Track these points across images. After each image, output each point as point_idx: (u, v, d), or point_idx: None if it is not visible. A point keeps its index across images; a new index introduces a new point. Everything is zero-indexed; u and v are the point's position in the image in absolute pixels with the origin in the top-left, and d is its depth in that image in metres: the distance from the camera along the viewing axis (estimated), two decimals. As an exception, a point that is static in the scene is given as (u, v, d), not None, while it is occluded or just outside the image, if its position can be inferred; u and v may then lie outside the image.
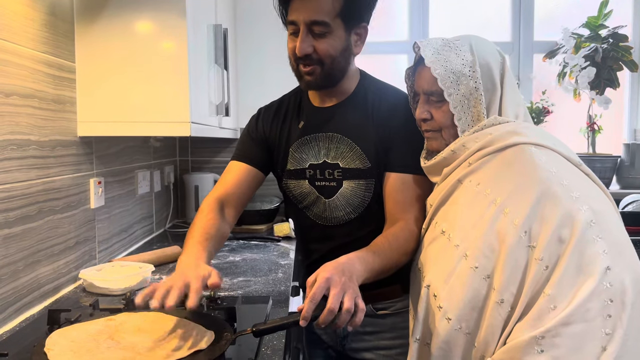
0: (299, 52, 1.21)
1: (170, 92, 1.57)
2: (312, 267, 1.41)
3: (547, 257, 0.87)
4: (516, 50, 3.00)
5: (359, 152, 1.29)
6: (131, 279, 1.47)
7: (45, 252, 1.39)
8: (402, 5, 2.96)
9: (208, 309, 1.20)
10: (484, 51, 1.05)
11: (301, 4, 1.20)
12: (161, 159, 2.47)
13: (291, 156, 1.35)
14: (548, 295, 0.85)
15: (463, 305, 0.92)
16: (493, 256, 0.91)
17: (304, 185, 1.34)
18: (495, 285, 0.90)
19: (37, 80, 1.34)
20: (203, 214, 1.27)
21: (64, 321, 1.15)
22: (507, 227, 0.90)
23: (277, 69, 2.72)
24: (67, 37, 1.51)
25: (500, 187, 0.94)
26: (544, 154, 0.96)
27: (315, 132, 1.33)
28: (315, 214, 1.36)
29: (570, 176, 0.94)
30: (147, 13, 1.56)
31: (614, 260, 0.87)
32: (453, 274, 0.94)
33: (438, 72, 1.03)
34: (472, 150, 1.00)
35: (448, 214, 1.02)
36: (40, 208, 1.36)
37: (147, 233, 2.25)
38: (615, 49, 2.70)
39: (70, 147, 1.53)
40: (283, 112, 1.42)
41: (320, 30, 1.20)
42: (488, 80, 1.04)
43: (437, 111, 1.07)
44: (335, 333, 1.42)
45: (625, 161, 2.88)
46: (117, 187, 1.89)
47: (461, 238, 0.95)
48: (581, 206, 0.89)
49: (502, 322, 0.89)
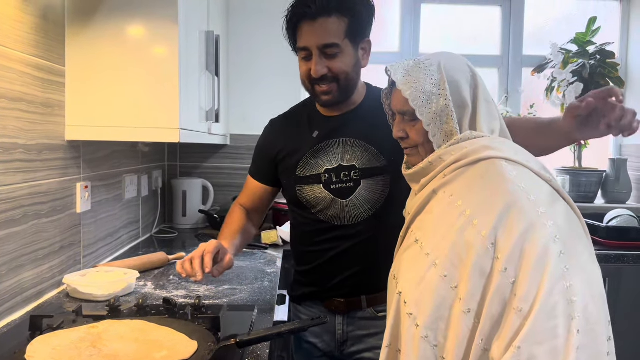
0: (315, 74, 1.32)
1: (160, 98, 1.57)
2: (317, 270, 1.44)
3: (511, 270, 0.89)
4: (505, 64, 3.03)
5: (374, 152, 1.38)
6: (115, 285, 1.46)
7: (29, 256, 1.38)
8: (394, 17, 2.99)
9: (192, 317, 1.20)
10: (452, 69, 1.08)
11: (311, 30, 1.30)
12: (149, 164, 2.46)
13: (306, 163, 1.41)
14: (520, 311, 0.87)
15: (431, 312, 0.93)
16: (460, 266, 0.93)
17: (318, 190, 1.39)
18: (461, 295, 0.91)
19: (25, 84, 1.34)
20: (231, 216, 1.51)
21: (46, 327, 1.14)
22: (475, 237, 0.92)
23: (269, 76, 2.73)
24: (57, 40, 1.50)
25: (471, 198, 0.97)
26: (515, 169, 0.98)
27: (329, 139, 1.40)
28: (331, 216, 1.40)
29: (539, 192, 0.96)
30: (139, 18, 1.56)
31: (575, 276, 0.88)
32: (423, 281, 0.96)
33: (409, 94, 1.06)
34: (448, 162, 1.04)
35: (423, 223, 1.05)
36: (25, 212, 1.35)
37: (133, 238, 2.24)
38: (602, 65, 2.74)
39: (57, 151, 1.52)
40: (295, 123, 1.49)
41: (332, 51, 1.31)
42: (458, 97, 1.07)
43: (412, 130, 1.11)
44: (334, 338, 1.43)
45: (611, 176, 2.92)
46: (104, 192, 1.88)
47: (432, 247, 0.97)
48: (546, 221, 0.91)
49: (469, 332, 0.91)
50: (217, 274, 1.24)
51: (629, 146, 3.03)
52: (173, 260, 1.88)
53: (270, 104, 2.70)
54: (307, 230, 1.45)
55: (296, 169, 1.41)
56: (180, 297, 1.47)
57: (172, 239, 2.39)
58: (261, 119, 1.68)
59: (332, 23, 1.30)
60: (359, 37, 1.34)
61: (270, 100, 2.72)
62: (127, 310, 1.24)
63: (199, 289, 1.57)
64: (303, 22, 1.31)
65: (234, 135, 2.76)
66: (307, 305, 1.50)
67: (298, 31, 1.33)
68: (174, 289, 1.57)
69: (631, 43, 3.02)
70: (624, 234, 2.40)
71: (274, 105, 2.57)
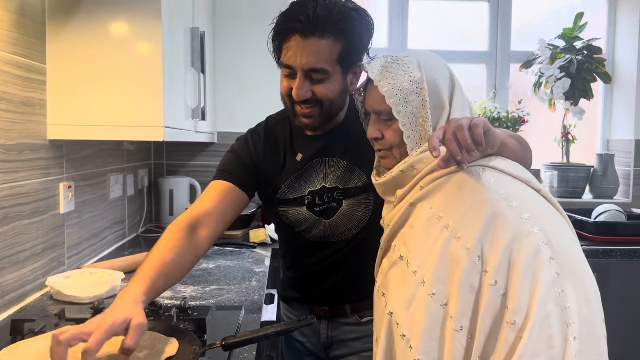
0: (297, 97, 1.18)
1: (144, 95, 1.54)
2: (303, 280, 1.41)
3: (501, 282, 0.86)
4: (493, 60, 3.03)
5: (357, 172, 1.29)
6: (100, 287, 1.44)
7: (10, 259, 1.35)
8: (382, 13, 2.97)
9: (178, 319, 1.18)
10: (432, 69, 1.04)
11: (299, 48, 1.15)
12: (135, 163, 2.42)
13: (289, 186, 1.32)
14: (514, 324, 0.85)
15: (423, 333, 0.90)
16: (448, 282, 0.90)
17: (302, 212, 1.32)
18: (452, 313, 0.89)
19: (4, 82, 1.30)
20: (164, 240, 1.15)
21: (27, 332, 1.11)
22: (460, 252, 0.89)
23: (256, 73, 2.71)
24: (38, 38, 1.47)
25: (452, 211, 0.93)
26: (492, 176, 0.94)
27: (313, 159, 1.31)
28: (315, 235, 1.33)
29: (520, 197, 0.92)
30: (122, 15, 1.53)
31: (567, 281, 0.87)
32: (413, 301, 0.93)
33: (386, 90, 1.01)
34: (423, 173, 0.99)
35: (405, 237, 1.00)
36: (6, 214, 1.32)
37: (119, 238, 2.21)
38: (589, 61, 2.75)
39: (39, 150, 1.49)
40: (274, 142, 1.35)
41: (318, 77, 1.17)
42: (436, 98, 1.02)
43: (388, 130, 1.05)
44: (319, 341, 1.42)
45: (598, 171, 2.93)
46: (89, 192, 1.85)
47: (418, 264, 0.94)
48: (532, 228, 0.88)
49: (464, 351, 0.88)
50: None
51: (617, 141, 3.04)
52: (160, 261, 1.85)
53: (257, 101, 2.68)
54: (292, 245, 1.41)
55: (278, 192, 1.33)
56: (166, 299, 1.44)
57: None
58: (249, 117, 1.65)
59: (324, 46, 1.14)
60: (352, 63, 1.20)
61: (258, 98, 2.70)
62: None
63: (185, 290, 1.55)
64: (292, 37, 1.15)
65: (222, 133, 2.73)
66: (296, 306, 1.49)
67: (284, 45, 1.17)
68: (160, 290, 1.54)
69: (618, 39, 3.03)
70: (611, 229, 2.41)
71: (261, 103, 2.58)
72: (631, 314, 2.31)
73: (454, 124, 0.91)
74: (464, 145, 0.90)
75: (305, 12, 1.13)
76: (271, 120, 1.40)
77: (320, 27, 1.13)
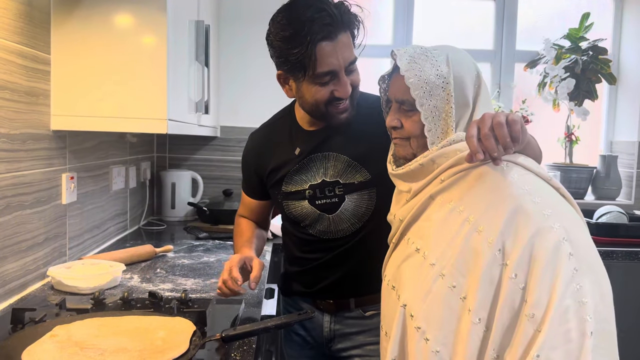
0: (346, 94, 1.24)
1: (148, 88, 1.54)
2: (307, 273, 1.43)
3: (521, 276, 0.87)
4: (498, 59, 3.02)
5: (357, 167, 1.32)
6: (101, 277, 1.44)
7: (12, 248, 1.35)
8: (387, 9, 2.97)
9: (178, 311, 1.18)
10: (459, 64, 1.04)
11: (334, 52, 1.20)
12: (138, 155, 2.43)
13: (291, 179, 1.36)
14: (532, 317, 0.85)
15: (441, 325, 0.91)
16: (469, 275, 0.90)
17: (304, 206, 1.35)
18: (470, 305, 0.89)
19: (9, 72, 1.30)
20: (240, 227, 1.52)
21: (28, 321, 1.12)
22: (482, 245, 0.90)
23: (260, 67, 2.70)
24: (43, 28, 1.47)
25: (473, 204, 0.94)
26: (516, 171, 0.95)
27: (312, 154, 1.34)
28: (319, 230, 1.37)
29: (542, 193, 0.94)
30: (127, 6, 1.53)
31: (584, 277, 0.87)
32: (430, 294, 0.93)
33: (411, 82, 1.01)
34: (444, 167, 0.99)
35: (421, 230, 1.00)
36: (8, 203, 1.32)
37: (120, 230, 2.21)
38: (594, 62, 2.74)
39: (42, 140, 1.49)
40: (275, 137, 1.42)
41: (353, 67, 1.27)
42: (461, 94, 1.02)
43: (408, 120, 1.05)
44: (322, 334, 1.42)
45: (601, 172, 2.92)
46: (91, 183, 1.85)
47: (437, 257, 0.94)
48: (553, 224, 0.89)
49: (480, 343, 0.89)
50: (254, 287, 1.22)
51: (620, 143, 3.03)
52: (160, 253, 1.85)
53: (261, 95, 2.67)
54: (298, 239, 1.44)
55: (281, 185, 1.37)
56: (166, 291, 1.45)
57: (161, 232, 2.36)
58: (252, 111, 1.66)
59: (347, 37, 1.23)
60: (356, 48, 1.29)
61: (261, 92, 2.69)
62: (112, 304, 1.22)
63: (186, 282, 1.55)
64: (322, 44, 1.18)
65: (224, 127, 2.73)
66: (297, 299, 1.49)
67: (317, 54, 1.18)
68: (161, 282, 1.54)
69: (624, 39, 3.02)
70: (613, 230, 2.40)
71: (264, 97, 2.57)
72: (632, 315, 2.31)
73: (492, 120, 0.90)
74: (502, 143, 0.90)
75: (328, 16, 1.18)
76: (273, 116, 1.48)
77: (341, 23, 1.21)
